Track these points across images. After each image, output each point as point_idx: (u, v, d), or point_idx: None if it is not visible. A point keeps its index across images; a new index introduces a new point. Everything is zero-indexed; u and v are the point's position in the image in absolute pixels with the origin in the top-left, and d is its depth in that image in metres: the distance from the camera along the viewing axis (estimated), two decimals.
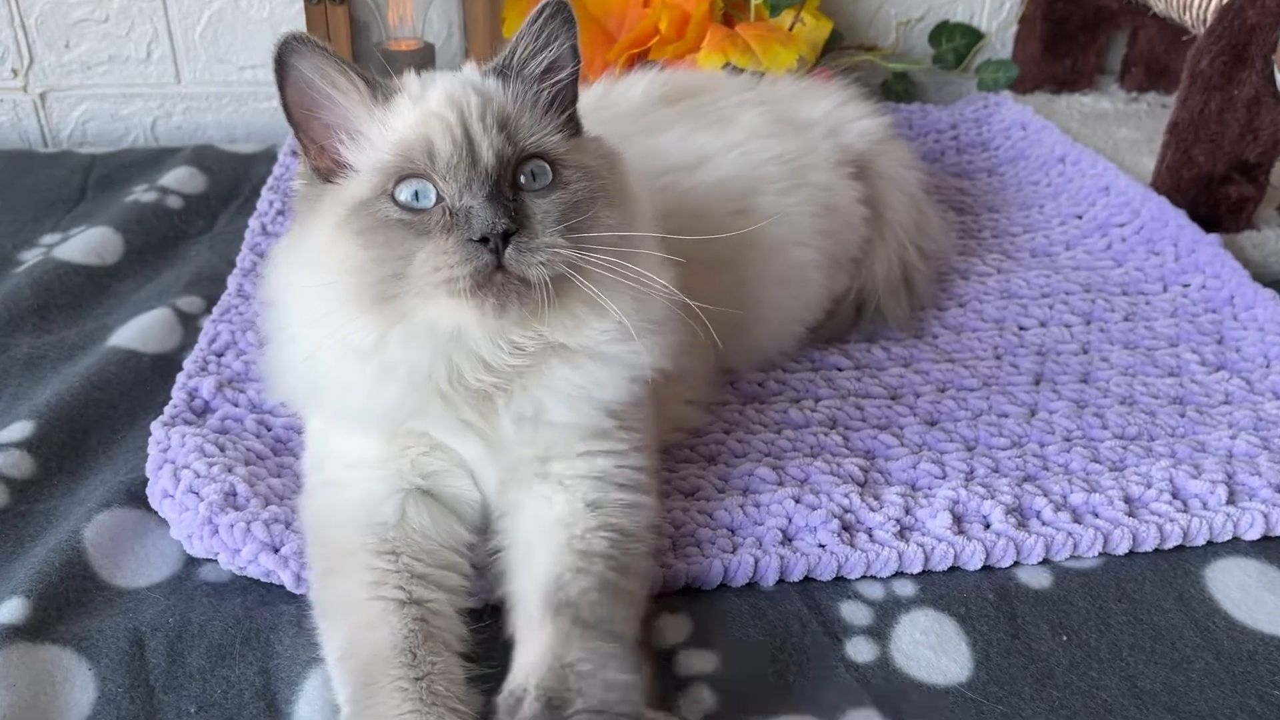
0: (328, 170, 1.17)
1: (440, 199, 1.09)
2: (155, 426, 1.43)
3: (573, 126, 1.21)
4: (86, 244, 1.90)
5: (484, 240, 1.06)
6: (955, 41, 2.59)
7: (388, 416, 1.19)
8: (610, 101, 1.71)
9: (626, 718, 1.02)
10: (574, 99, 1.22)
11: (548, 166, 1.14)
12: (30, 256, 1.90)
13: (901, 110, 2.45)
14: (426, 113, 1.13)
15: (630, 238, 1.16)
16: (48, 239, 1.96)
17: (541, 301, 1.10)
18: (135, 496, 1.36)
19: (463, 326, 1.13)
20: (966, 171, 2.31)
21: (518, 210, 1.09)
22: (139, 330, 1.68)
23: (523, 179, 1.12)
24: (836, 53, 2.47)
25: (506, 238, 1.07)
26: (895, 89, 2.58)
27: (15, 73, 2.39)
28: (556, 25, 1.16)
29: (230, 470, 1.33)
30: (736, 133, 1.65)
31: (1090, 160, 2.17)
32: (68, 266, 1.85)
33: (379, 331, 1.13)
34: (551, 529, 1.19)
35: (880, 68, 2.56)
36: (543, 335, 1.16)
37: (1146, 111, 2.50)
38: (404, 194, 1.10)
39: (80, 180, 2.16)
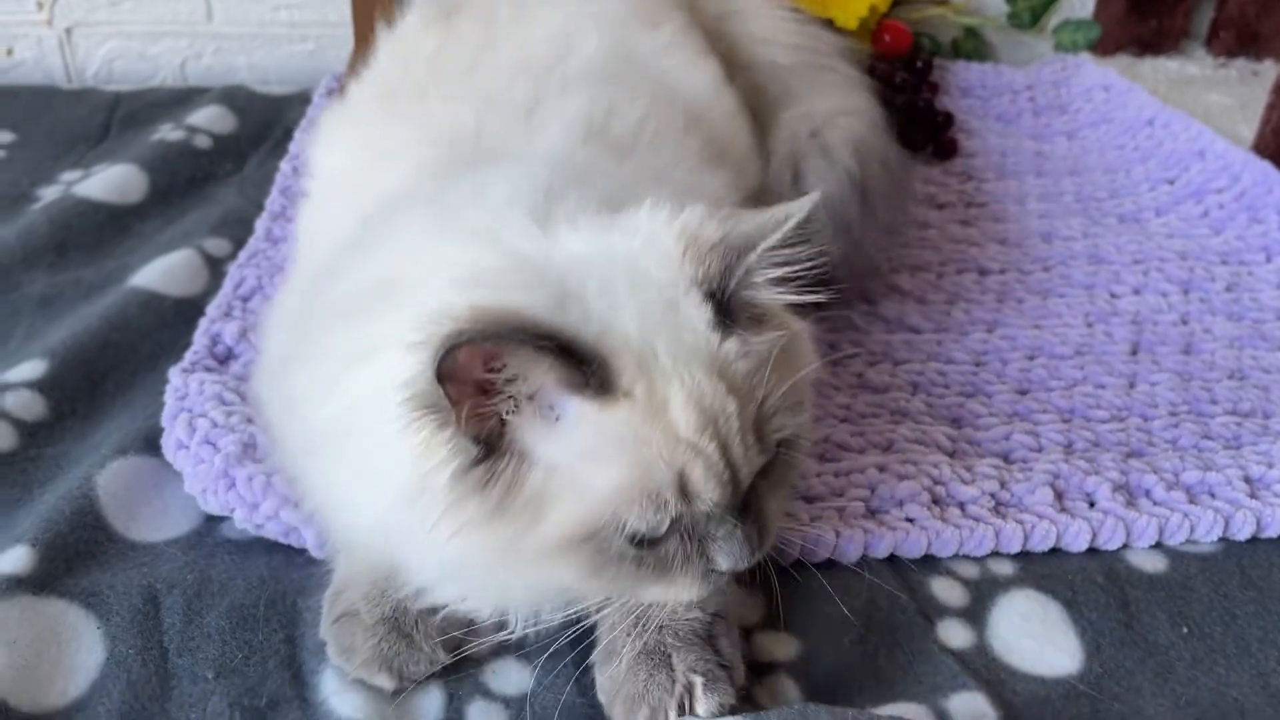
0: (489, 435, 0.85)
1: (677, 520, 0.87)
2: (174, 373, 1.32)
3: None
4: (108, 182, 1.78)
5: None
6: None
7: None
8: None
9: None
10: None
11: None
12: (49, 193, 1.79)
13: (973, 69, 2.30)
14: (675, 439, 0.85)
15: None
16: (68, 176, 1.84)
17: None
18: (153, 444, 1.24)
19: None
20: (1044, 135, 2.15)
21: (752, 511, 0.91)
22: (162, 271, 1.57)
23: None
24: (907, 5, 2.32)
25: None
26: (965, 47, 2.42)
27: (40, 6, 2.27)
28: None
29: (251, 420, 1.21)
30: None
31: (1182, 123, 2.01)
32: (88, 204, 1.73)
33: None
34: None
35: (952, 23, 2.40)
36: None
37: (1237, 78, 2.33)
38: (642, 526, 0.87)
39: (104, 118, 2.05)
